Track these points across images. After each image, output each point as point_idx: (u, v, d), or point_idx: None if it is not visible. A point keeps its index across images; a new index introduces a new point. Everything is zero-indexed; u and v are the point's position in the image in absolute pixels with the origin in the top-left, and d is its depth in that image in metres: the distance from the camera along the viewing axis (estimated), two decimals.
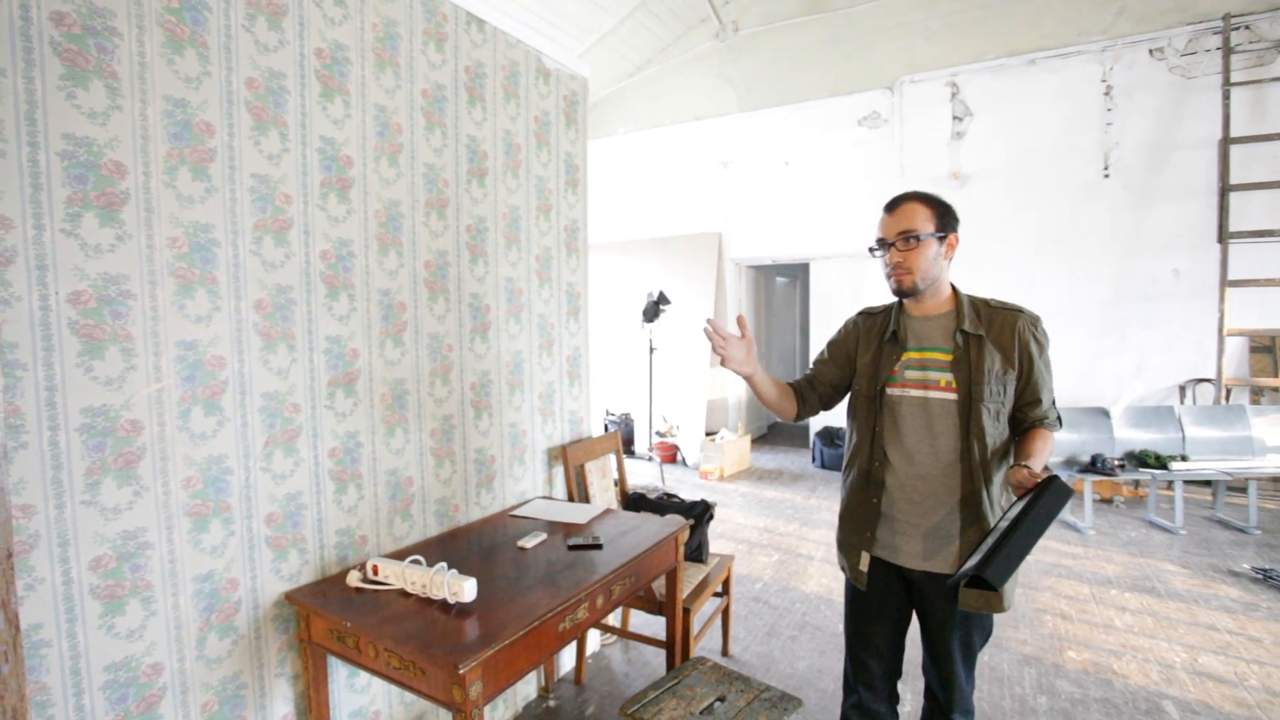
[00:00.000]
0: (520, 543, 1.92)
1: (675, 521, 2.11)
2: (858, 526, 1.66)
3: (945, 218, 1.55)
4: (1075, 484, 4.48)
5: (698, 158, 7.30)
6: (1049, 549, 3.96)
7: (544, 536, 1.97)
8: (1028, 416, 1.54)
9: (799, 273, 9.28)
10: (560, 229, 2.57)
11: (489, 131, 2.23)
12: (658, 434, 6.30)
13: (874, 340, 1.68)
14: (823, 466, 6.07)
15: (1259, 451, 4.37)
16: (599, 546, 1.90)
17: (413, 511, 1.98)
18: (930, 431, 1.55)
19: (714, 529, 4.37)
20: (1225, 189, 4.96)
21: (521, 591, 1.61)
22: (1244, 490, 4.35)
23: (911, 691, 2.41)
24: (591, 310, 2.87)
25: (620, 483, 2.80)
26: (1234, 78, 4.96)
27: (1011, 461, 1.53)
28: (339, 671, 1.72)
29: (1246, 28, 4.98)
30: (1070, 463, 4.49)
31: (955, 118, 6.07)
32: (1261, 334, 4.99)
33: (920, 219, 1.53)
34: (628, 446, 6.32)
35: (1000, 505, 1.51)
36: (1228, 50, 4.95)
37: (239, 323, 1.50)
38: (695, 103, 7.24)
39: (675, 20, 6.96)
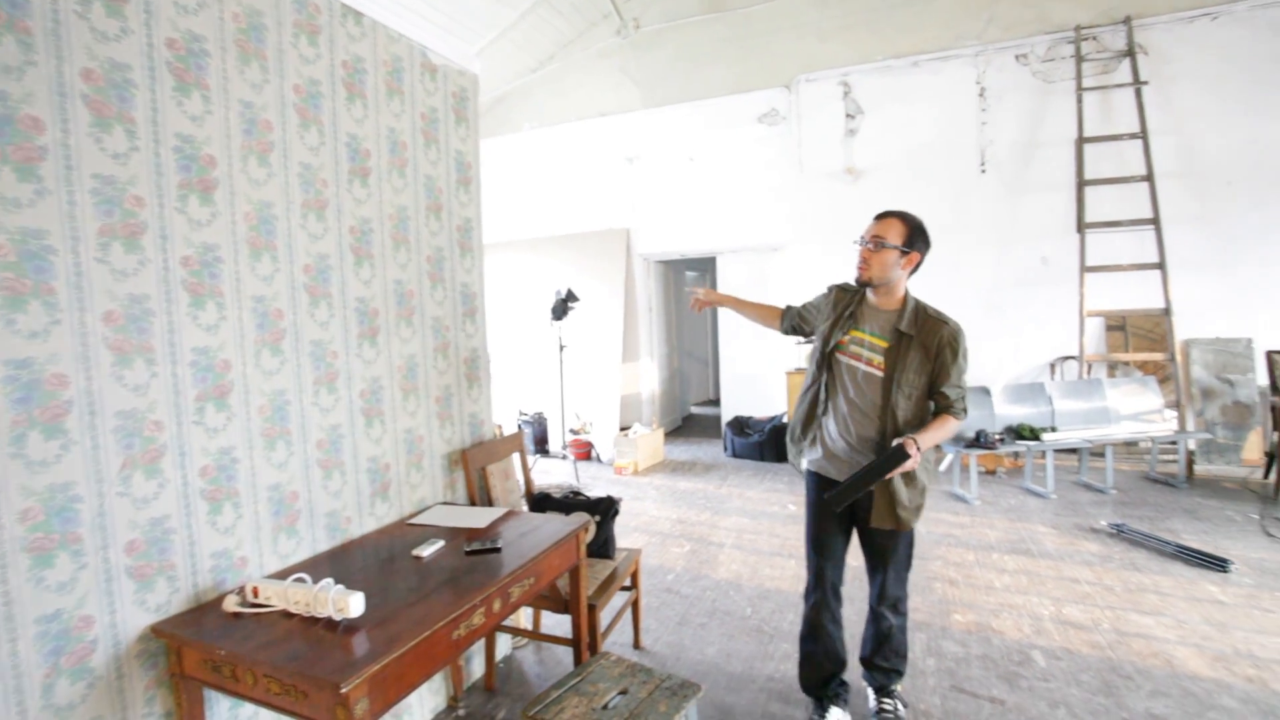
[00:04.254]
0: (415, 551, 1.87)
1: (576, 520, 2.12)
2: (800, 436, 2.19)
3: (913, 238, 1.98)
4: (963, 459, 4.83)
5: (604, 154, 7.31)
6: (941, 521, 4.25)
7: (441, 544, 1.93)
8: (938, 403, 1.99)
9: (708, 266, 9.47)
10: (452, 229, 2.52)
11: (371, 129, 2.15)
12: (571, 432, 6.29)
13: (836, 311, 2.13)
14: (734, 456, 6.24)
15: (1113, 420, 4.85)
16: (497, 550, 1.88)
17: (299, 527, 1.89)
18: (860, 393, 2.03)
19: (628, 522, 4.42)
20: (1081, 184, 5.46)
21: (415, 602, 1.57)
22: (1103, 455, 4.82)
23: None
24: (500, 309, 2.84)
25: (526, 483, 2.78)
26: (1086, 83, 5.46)
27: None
28: (219, 705, 1.62)
29: (1094, 39, 5.49)
30: (958, 439, 4.82)
31: (848, 115, 6.37)
32: (1115, 314, 5.53)
33: (892, 232, 1.97)
34: (542, 446, 6.28)
35: None
36: (1079, 58, 5.45)
37: (84, 337, 1.37)
38: (600, 99, 7.24)
39: (577, 15, 6.92)
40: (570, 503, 2.65)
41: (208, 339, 1.64)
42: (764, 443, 6.02)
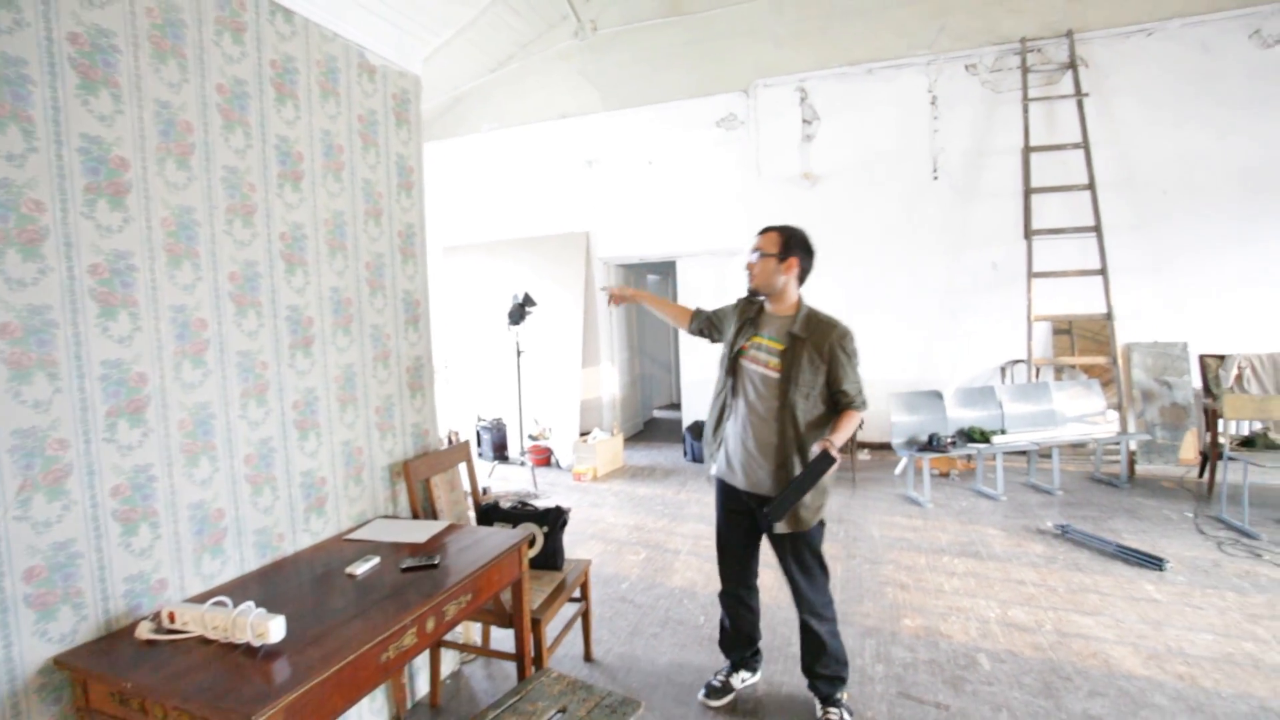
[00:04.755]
0: (349, 569, 1.81)
1: (519, 532, 2.07)
2: (711, 440, 2.33)
3: (788, 246, 2.13)
4: (916, 462, 4.90)
5: (563, 156, 7.26)
6: (895, 525, 4.30)
7: (376, 560, 1.87)
8: (839, 400, 2.10)
9: (669, 269, 9.48)
10: (394, 234, 2.45)
11: (303, 131, 2.07)
12: (530, 438, 6.22)
13: (741, 320, 2.27)
14: (694, 460, 6.24)
15: (1060, 422, 4.99)
16: (434, 566, 1.83)
17: (226, 546, 1.81)
18: (760, 395, 2.15)
19: (584, 530, 4.38)
20: (1028, 191, 5.61)
21: (342, 624, 1.51)
22: (1050, 456, 4.95)
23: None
24: (459, 313, 2.78)
25: (473, 494, 2.72)
26: (1031, 93, 5.62)
27: (826, 430, 2.09)
28: None
29: (1039, 50, 5.66)
30: (910, 442, 4.90)
31: (805, 121, 6.43)
32: (1061, 319, 5.69)
33: (769, 243, 2.15)
34: (501, 452, 6.19)
35: (806, 458, 2.06)
36: (1025, 69, 5.60)
37: None
38: (559, 101, 7.19)
39: (535, 16, 6.86)
40: (518, 513, 2.59)
41: (120, 351, 1.56)
42: None
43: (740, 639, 2.44)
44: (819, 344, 2.08)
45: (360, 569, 1.81)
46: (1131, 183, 5.50)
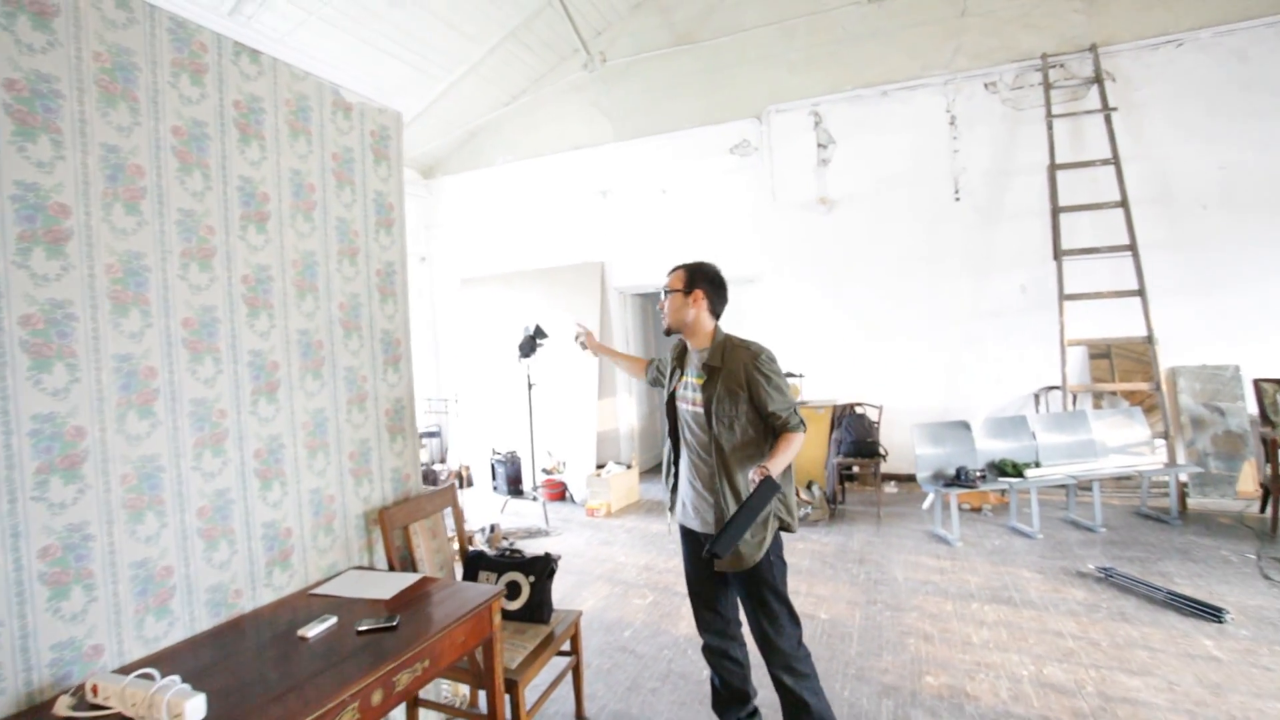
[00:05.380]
0: (301, 631, 1.68)
1: (490, 589, 1.93)
2: (665, 488, 2.29)
3: (692, 280, 2.12)
4: (944, 497, 4.62)
5: (577, 187, 7.26)
6: (920, 565, 4.04)
7: (333, 621, 1.74)
8: (773, 424, 2.01)
9: None
10: (371, 273, 2.37)
11: (270, 171, 2.02)
12: (544, 471, 6.09)
13: (673, 363, 2.28)
14: None
15: (1100, 453, 4.66)
16: (392, 628, 1.69)
17: (173, 606, 1.71)
18: (694, 433, 2.12)
19: (592, 570, 4.21)
20: (1056, 210, 5.36)
21: (276, 699, 1.38)
22: (1090, 490, 4.62)
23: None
24: (475, 345, 2.70)
25: (460, 540, 2.59)
26: (1055, 110, 5.40)
27: (764, 458, 1.99)
28: None
29: (1061, 66, 5.45)
30: (937, 476, 4.63)
31: (820, 145, 6.31)
32: (1098, 342, 5.38)
33: (676, 280, 2.15)
34: (515, 486, 6.07)
35: (741, 489, 2.00)
36: (1047, 86, 5.40)
37: None
38: (572, 132, 7.21)
39: (547, 50, 6.93)
40: (504, 562, 2.46)
41: (54, 404, 1.48)
42: None
43: (732, 696, 2.24)
44: (734, 370, 2.02)
45: (313, 631, 1.68)
46: (1167, 199, 5.22)
